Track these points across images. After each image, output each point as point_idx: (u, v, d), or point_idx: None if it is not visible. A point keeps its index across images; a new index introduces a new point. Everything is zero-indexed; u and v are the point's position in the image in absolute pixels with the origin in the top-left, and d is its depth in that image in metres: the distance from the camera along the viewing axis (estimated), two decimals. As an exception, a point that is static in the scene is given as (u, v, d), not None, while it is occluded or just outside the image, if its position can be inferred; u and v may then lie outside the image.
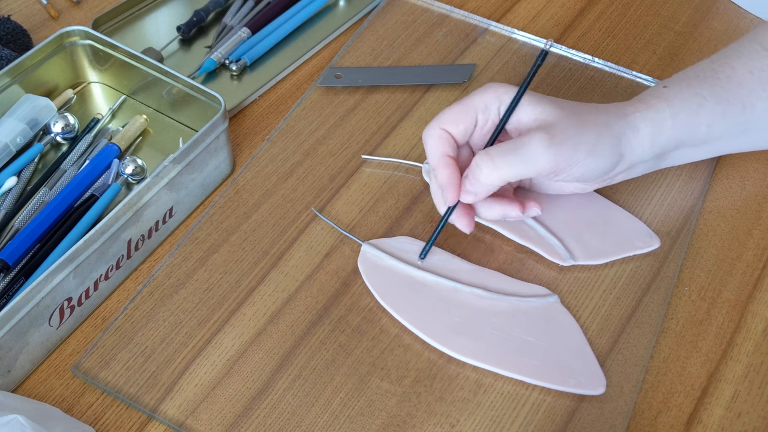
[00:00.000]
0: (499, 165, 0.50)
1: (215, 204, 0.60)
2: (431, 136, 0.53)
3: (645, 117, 0.54)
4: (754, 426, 0.49)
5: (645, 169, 0.57)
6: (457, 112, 0.52)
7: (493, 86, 0.52)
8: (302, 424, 0.49)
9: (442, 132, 0.52)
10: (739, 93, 0.55)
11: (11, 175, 0.59)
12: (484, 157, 0.50)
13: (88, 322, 0.54)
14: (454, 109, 0.53)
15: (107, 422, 0.49)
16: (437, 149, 0.52)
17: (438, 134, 0.52)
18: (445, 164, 0.52)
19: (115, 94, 0.67)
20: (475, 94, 0.53)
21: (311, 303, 0.54)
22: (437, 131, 0.52)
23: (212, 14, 0.75)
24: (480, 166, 0.50)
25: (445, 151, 0.52)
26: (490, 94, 0.52)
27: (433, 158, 0.53)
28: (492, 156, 0.50)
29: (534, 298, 0.54)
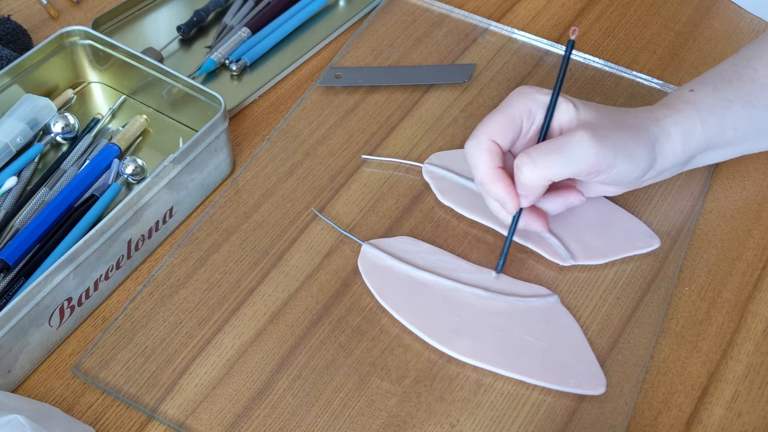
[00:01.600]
0: (540, 164, 0.49)
1: (215, 204, 0.60)
2: (480, 149, 0.51)
3: (676, 122, 0.53)
4: (754, 426, 0.49)
5: (672, 173, 0.56)
6: (503, 122, 0.51)
7: (527, 90, 0.52)
8: (302, 424, 0.49)
9: (491, 144, 0.51)
10: (763, 95, 0.55)
11: (11, 175, 0.59)
12: (524, 158, 0.49)
13: (88, 322, 0.54)
14: (499, 119, 0.51)
15: (107, 422, 0.49)
16: (488, 163, 0.51)
17: (487, 147, 0.51)
18: (498, 178, 0.51)
19: (115, 94, 0.67)
20: (513, 101, 0.52)
21: (311, 303, 0.54)
22: (486, 143, 0.51)
23: (212, 14, 0.75)
24: (521, 168, 0.49)
25: (496, 163, 0.51)
26: (530, 99, 0.51)
27: (484, 173, 0.51)
28: (532, 156, 0.49)
29: (534, 298, 0.54)
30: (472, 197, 0.59)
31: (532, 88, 0.52)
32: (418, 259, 0.56)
